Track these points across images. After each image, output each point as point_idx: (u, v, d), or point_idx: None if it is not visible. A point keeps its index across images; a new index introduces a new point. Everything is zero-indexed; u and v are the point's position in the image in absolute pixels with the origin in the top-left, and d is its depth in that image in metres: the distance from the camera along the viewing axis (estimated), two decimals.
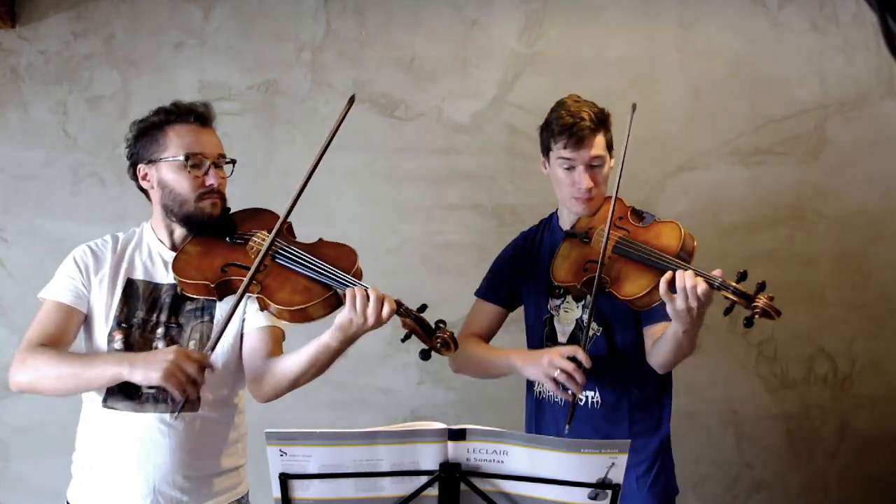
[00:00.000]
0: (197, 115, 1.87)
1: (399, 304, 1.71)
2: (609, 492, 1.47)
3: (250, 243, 1.86)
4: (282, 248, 1.81)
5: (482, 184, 2.94)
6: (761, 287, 1.74)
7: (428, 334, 1.71)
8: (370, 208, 2.95)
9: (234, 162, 1.93)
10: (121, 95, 2.98)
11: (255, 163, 2.91)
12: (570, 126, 1.98)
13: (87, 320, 1.87)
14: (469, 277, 2.35)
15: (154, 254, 1.91)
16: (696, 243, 1.92)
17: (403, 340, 1.74)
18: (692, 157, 2.90)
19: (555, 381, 1.90)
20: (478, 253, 2.90)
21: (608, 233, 1.94)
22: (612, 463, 1.45)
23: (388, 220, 2.96)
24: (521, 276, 2.19)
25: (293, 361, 1.78)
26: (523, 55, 2.93)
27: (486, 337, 2.23)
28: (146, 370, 1.65)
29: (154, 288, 1.87)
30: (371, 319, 1.67)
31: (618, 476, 1.46)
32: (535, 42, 2.93)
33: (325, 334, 1.73)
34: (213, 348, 1.73)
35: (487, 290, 2.25)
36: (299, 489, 1.50)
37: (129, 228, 1.97)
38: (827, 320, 2.90)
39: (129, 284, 1.87)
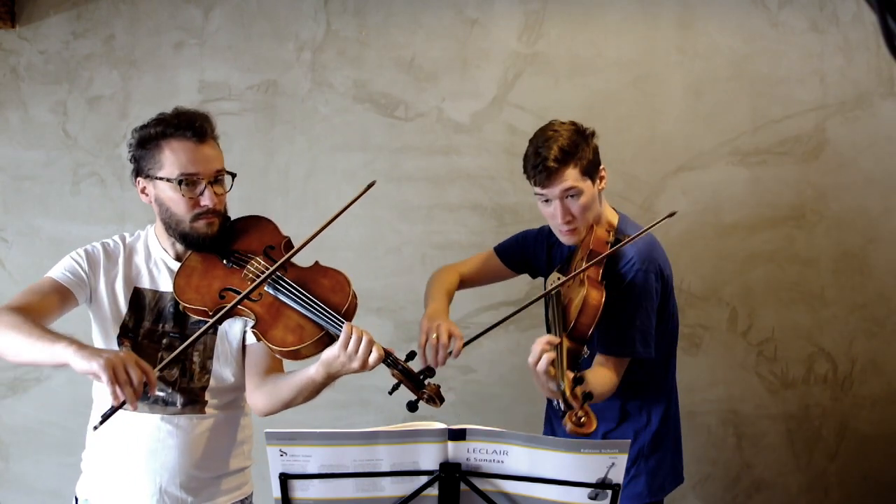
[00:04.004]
0: (195, 130, 1.80)
1: (388, 353, 1.72)
2: (609, 492, 1.48)
3: (245, 269, 1.85)
4: (277, 281, 1.81)
5: (482, 184, 2.94)
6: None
7: (416, 387, 1.75)
8: (370, 208, 2.95)
9: (234, 175, 1.90)
10: (121, 95, 2.98)
11: (255, 163, 2.90)
12: (535, 165, 1.98)
13: (98, 321, 1.87)
14: None
15: (159, 261, 1.91)
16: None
17: (391, 392, 1.77)
18: (692, 157, 2.90)
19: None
20: (478, 253, 2.90)
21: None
22: (612, 463, 1.46)
23: (388, 220, 2.96)
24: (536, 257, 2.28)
25: (283, 386, 1.80)
26: (523, 55, 2.93)
27: (470, 279, 2.34)
28: (90, 357, 1.54)
29: (160, 297, 1.87)
30: (356, 363, 1.68)
31: (618, 476, 1.46)
32: (535, 42, 2.93)
33: (311, 367, 1.74)
34: (162, 369, 1.67)
35: (502, 245, 2.36)
36: (299, 489, 1.50)
37: (129, 228, 1.96)
38: (827, 320, 2.90)
39: (136, 293, 1.87)
